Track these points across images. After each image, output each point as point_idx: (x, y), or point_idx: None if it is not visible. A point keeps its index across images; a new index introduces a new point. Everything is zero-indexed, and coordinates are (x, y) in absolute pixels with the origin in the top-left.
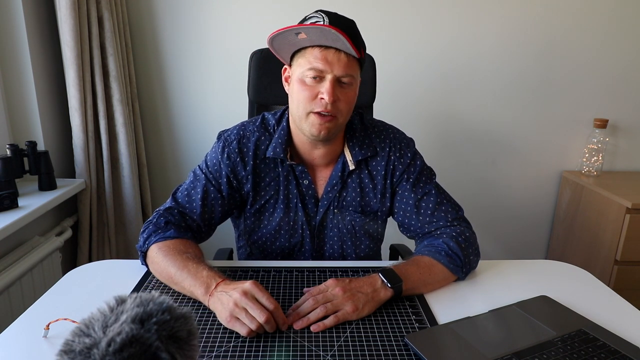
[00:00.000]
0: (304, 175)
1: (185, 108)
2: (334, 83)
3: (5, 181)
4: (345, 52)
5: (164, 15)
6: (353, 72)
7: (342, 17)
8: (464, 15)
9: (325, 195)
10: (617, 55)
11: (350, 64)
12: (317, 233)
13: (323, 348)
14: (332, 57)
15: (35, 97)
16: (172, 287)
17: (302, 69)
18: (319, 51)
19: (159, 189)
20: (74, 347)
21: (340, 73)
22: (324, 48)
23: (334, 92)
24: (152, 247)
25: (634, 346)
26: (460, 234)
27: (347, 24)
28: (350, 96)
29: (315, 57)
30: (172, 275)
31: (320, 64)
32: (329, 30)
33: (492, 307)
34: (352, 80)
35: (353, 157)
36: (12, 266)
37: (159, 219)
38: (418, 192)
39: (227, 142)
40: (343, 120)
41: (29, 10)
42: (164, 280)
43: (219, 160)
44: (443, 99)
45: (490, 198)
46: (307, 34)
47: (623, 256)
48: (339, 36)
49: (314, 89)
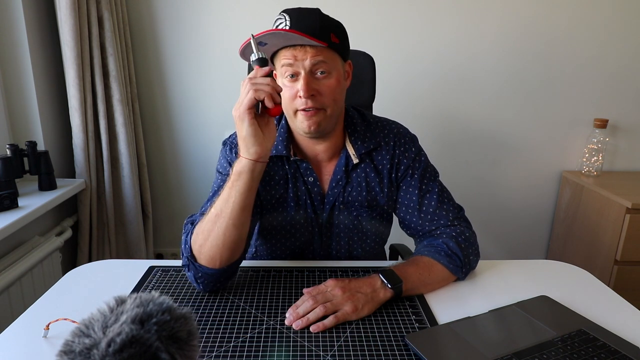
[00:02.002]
0: (309, 172)
1: (185, 108)
2: (307, 78)
3: (5, 181)
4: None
5: (164, 15)
6: (326, 60)
7: (302, 11)
8: (463, 15)
9: (330, 191)
10: (617, 55)
11: (320, 53)
12: (324, 231)
13: (323, 348)
14: (299, 54)
15: (35, 97)
16: (225, 227)
17: (280, 70)
18: (287, 50)
19: (159, 189)
20: (73, 347)
21: (310, 65)
22: (292, 47)
23: (309, 87)
24: (192, 239)
25: (634, 346)
26: (460, 234)
27: (308, 21)
28: (330, 85)
29: (285, 56)
30: (213, 212)
31: (290, 62)
32: (291, 35)
33: (492, 307)
34: (328, 68)
35: (356, 150)
36: (12, 266)
37: (186, 225)
38: (422, 189)
39: (234, 144)
40: (331, 111)
41: (29, 10)
42: (217, 237)
43: (229, 161)
44: (443, 99)
45: (490, 198)
46: (271, 40)
47: (623, 256)
48: (297, 35)
49: (293, 88)
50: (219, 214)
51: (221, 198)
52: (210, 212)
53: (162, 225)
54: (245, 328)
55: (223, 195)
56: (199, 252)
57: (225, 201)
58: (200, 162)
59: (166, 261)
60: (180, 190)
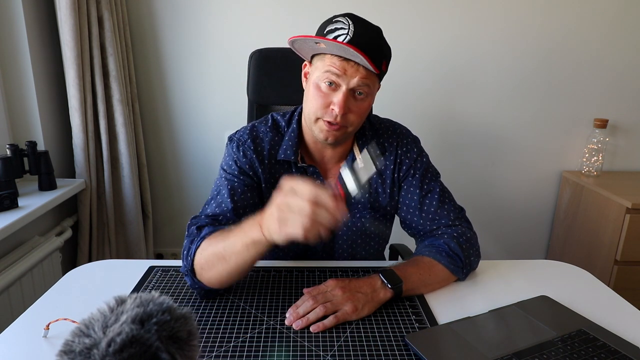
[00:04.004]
0: (316, 177)
1: (185, 108)
2: (347, 95)
3: (5, 181)
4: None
5: (164, 15)
6: (370, 84)
7: (367, 28)
8: (464, 16)
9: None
10: (617, 55)
11: (367, 77)
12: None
13: (323, 348)
14: (349, 69)
15: (35, 97)
16: (229, 270)
17: (319, 72)
18: (338, 60)
19: (159, 189)
20: (73, 347)
21: (356, 85)
22: (344, 59)
23: (345, 105)
24: (196, 256)
25: (634, 346)
26: (462, 235)
27: (369, 40)
28: (363, 108)
29: (334, 64)
30: (222, 251)
31: (337, 72)
32: (352, 51)
33: (492, 307)
34: (368, 91)
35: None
36: (12, 266)
37: (191, 228)
38: (423, 189)
39: (241, 142)
40: (353, 129)
41: (29, 10)
42: (220, 274)
43: (235, 159)
44: (443, 99)
45: (490, 198)
46: (327, 44)
47: (623, 256)
48: (358, 54)
49: (328, 97)
50: (224, 257)
51: (230, 244)
52: (218, 248)
53: (162, 225)
54: (245, 328)
55: (233, 242)
56: (200, 273)
57: (233, 252)
58: (201, 162)
59: (166, 261)
60: (180, 190)
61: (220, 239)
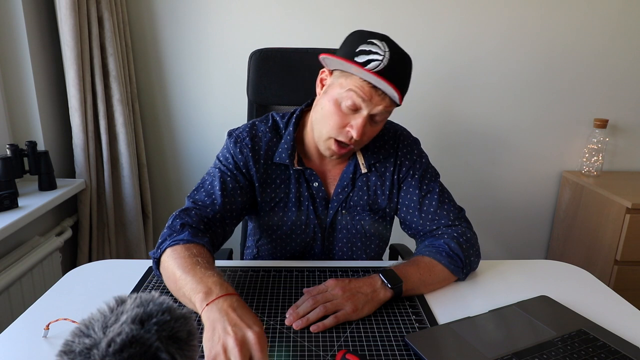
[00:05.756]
0: (314, 178)
1: (185, 108)
2: (366, 120)
3: (5, 181)
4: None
5: (164, 15)
6: (390, 111)
7: (402, 58)
8: (464, 16)
9: (335, 197)
10: (618, 55)
11: (390, 105)
12: (327, 235)
13: (323, 348)
14: (376, 97)
15: (35, 97)
16: (176, 296)
17: (342, 90)
18: (366, 85)
19: (159, 189)
20: (73, 347)
21: (377, 112)
22: (372, 86)
23: (364, 130)
24: (165, 252)
25: (634, 346)
26: (462, 235)
27: (401, 72)
28: (376, 131)
29: (361, 88)
30: (177, 279)
31: (362, 97)
32: (383, 83)
33: (492, 307)
34: (384, 118)
35: (365, 160)
36: (12, 266)
37: (174, 221)
38: (422, 190)
39: (240, 138)
40: (358, 148)
41: (29, 10)
42: (171, 289)
43: (232, 153)
44: (443, 100)
45: (490, 198)
46: (358, 70)
47: (623, 256)
48: (389, 87)
49: (346, 119)
50: (176, 283)
51: (183, 281)
52: (177, 271)
53: (162, 226)
54: None
55: (185, 283)
56: (161, 270)
57: (182, 287)
58: (201, 162)
59: None
60: (180, 191)
61: (185, 262)
